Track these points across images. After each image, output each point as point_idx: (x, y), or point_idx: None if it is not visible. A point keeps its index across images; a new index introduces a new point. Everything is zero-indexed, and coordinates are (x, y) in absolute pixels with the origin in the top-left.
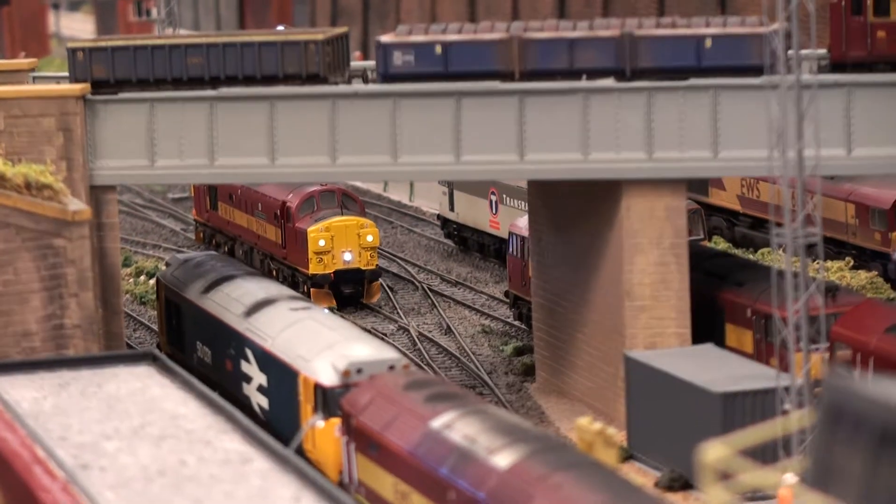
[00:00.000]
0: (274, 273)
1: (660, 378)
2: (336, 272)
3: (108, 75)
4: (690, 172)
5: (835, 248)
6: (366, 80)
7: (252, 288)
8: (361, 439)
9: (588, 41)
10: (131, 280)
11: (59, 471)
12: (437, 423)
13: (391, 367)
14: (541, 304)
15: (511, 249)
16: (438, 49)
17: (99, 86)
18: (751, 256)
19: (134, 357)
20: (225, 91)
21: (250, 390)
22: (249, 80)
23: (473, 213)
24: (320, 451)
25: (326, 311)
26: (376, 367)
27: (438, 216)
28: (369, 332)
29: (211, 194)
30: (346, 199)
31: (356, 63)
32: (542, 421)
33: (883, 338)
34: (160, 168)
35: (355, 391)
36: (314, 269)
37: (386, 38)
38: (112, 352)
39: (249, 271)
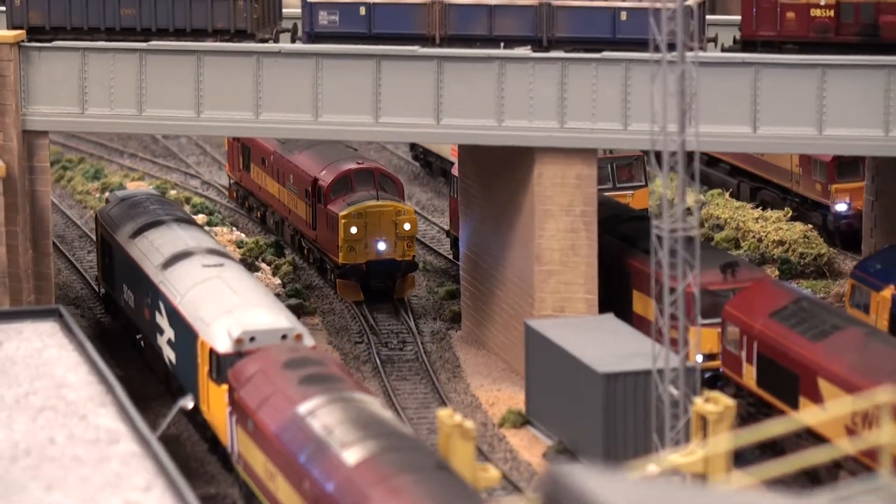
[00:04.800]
0: (305, 252)
1: (553, 350)
2: (368, 263)
3: (45, 22)
4: (601, 143)
5: (780, 194)
6: (294, 37)
7: (174, 237)
8: (241, 413)
9: (507, 9)
10: (97, 195)
11: None
12: (303, 408)
13: (283, 337)
14: (467, 255)
15: (451, 191)
16: (362, 10)
17: (35, 32)
18: None
19: (40, 313)
20: (154, 43)
21: (162, 342)
22: (180, 34)
23: None
24: (213, 415)
25: (240, 267)
26: (269, 336)
27: None
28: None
29: (244, 153)
30: (384, 180)
31: (289, 10)
32: (454, 376)
33: (767, 322)
34: (90, 116)
35: (241, 364)
36: (344, 258)
37: None
38: (19, 307)
39: (180, 217)
